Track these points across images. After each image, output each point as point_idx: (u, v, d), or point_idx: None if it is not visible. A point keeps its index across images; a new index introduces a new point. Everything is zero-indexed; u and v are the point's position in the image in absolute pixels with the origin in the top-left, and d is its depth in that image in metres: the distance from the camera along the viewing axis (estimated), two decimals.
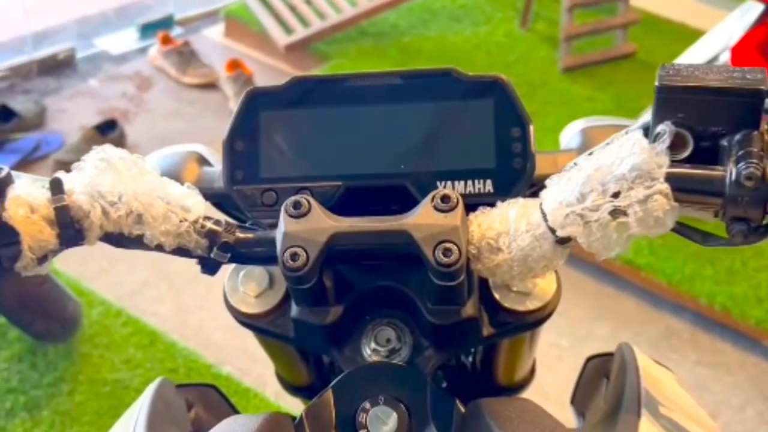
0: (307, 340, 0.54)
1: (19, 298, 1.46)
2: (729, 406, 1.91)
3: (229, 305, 0.57)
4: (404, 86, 0.50)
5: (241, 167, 0.51)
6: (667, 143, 0.42)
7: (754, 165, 0.40)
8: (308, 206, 0.45)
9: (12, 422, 1.50)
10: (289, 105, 0.51)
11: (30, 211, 0.44)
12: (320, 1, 3.00)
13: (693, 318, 2.13)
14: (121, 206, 0.45)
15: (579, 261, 2.24)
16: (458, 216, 0.44)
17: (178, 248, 0.48)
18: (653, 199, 0.41)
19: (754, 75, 0.42)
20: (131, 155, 0.48)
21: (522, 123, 0.49)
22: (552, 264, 0.46)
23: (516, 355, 0.65)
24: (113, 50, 3.00)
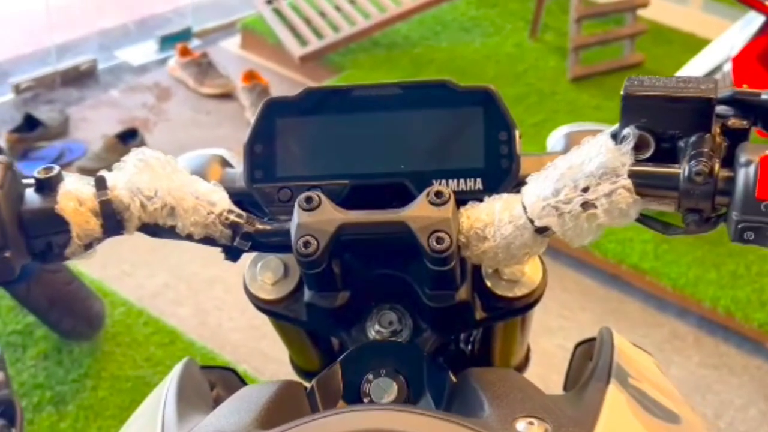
0: (318, 323, 0.60)
1: (48, 297, 1.54)
2: (732, 407, 1.95)
3: (249, 292, 0.63)
4: (404, 96, 0.57)
5: (260, 168, 0.57)
6: (631, 145, 0.49)
7: (704, 163, 0.46)
8: (319, 201, 0.52)
9: (39, 416, 1.57)
10: (302, 113, 0.58)
11: (78, 204, 0.51)
12: (334, 14, 3.07)
13: (697, 321, 2.17)
14: (156, 200, 0.52)
15: (586, 267, 2.29)
16: (450, 209, 0.50)
17: (205, 237, 0.54)
18: (617, 193, 0.47)
19: (707, 85, 0.48)
20: (165, 156, 0.54)
21: (508, 128, 0.56)
22: (532, 251, 0.52)
23: (510, 340, 0.71)
24: (134, 62, 3.06)
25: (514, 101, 2.87)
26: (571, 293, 2.22)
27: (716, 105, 0.48)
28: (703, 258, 2.25)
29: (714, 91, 0.48)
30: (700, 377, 2.02)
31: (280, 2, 3.15)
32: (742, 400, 1.97)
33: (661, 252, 2.25)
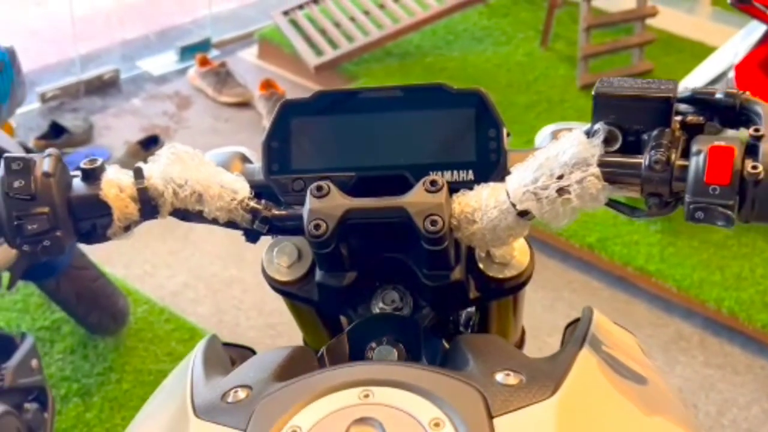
0: (328, 301, 0.67)
1: (76, 293, 1.62)
2: (735, 405, 1.99)
3: (266, 275, 0.70)
4: (404, 98, 0.64)
5: (276, 161, 0.64)
6: (601, 138, 0.55)
7: (662, 153, 0.53)
8: (328, 189, 0.59)
9: (66, 406, 1.65)
10: (314, 113, 0.65)
11: (119, 190, 0.59)
12: (348, 24, 3.14)
13: (702, 323, 2.21)
14: (186, 188, 0.59)
15: (593, 269, 2.34)
16: (443, 196, 0.57)
17: (228, 221, 0.61)
18: (588, 179, 0.54)
19: (667, 86, 0.55)
20: (194, 150, 0.62)
21: (497, 126, 0.62)
22: (516, 233, 0.58)
23: (504, 321, 0.77)
24: (154, 71, 3.14)
25: (524, 108, 2.93)
26: (579, 294, 2.27)
27: (676, 104, 0.55)
28: (708, 260, 2.29)
29: (673, 91, 0.55)
30: (704, 376, 2.06)
31: (297, 13, 3.24)
32: (746, 398, 2.01)
33: (667, 255, 2.30)
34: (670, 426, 0.54)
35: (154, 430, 0.56)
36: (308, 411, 0.47)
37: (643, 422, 0.52)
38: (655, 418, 0.53)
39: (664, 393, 0.60)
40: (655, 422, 0.53)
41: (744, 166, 0.49)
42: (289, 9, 3.25)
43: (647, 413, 0.53)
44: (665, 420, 0.54)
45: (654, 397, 0.57)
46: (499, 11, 3.71)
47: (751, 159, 0.50)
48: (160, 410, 0.58)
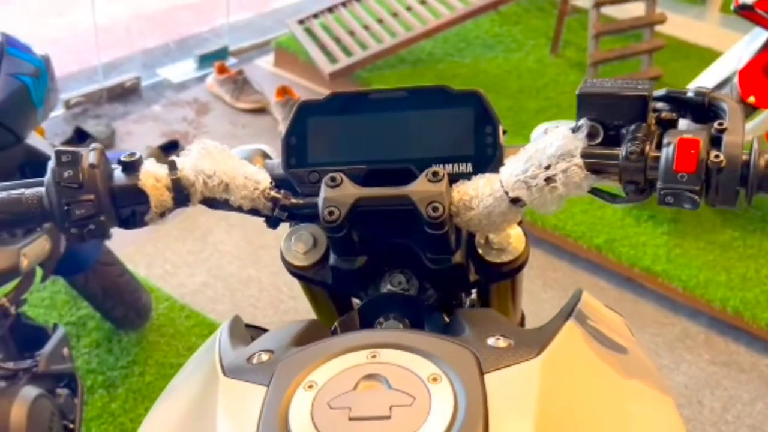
0: (340, 283, 0.73)
1: (103, 288, 1.69)
2: (740, 401, 2.04)
3: (284, 260, 0.76)
4: (409, 98, 0.70)
5: (294, 156, 0.71)
6: (584, 133, 0.62)
7: (637, 145, 0.59)
8: (341, 180, 0.65)
9: (92, 397, 1.72)
10: (328, 113, 0.71)
11: (156, 180, 0.66)
12: (362, 32, 3.21)
13: (708, 322, 2.26)
14: (215, 178, 0.66)
15: (601, 270, 2.39)
16: (444, 185, 0.64)
17: (251, 209, 0.68)
18: (572, 169, 0.60)
19: (644, 86, 0.61)
20: (221, 145, 0.69)
21: (493, 123, 0.69)
22: (508, 219, 0.65)
23: (504, 305, 0.83)
24: (174, 79, 3.22)
25: (535, 113, 2.99)
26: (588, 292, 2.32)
27: (652, 101, 0.61)
28: (714, 261, 2.34)
29: (649, 90, 0.61)
30: (710, 374, 2.11)
31: (312, 22, 3.32)
32: (750, 395, 2.06)
33: (674, 256, 2.35)
34: (646, 389, 0.60)
35: (187, 391, 0.63)
36: (323, 369, 0.54)
37: (621, 384, 0.58)
38: (633, 381, 0.60)
39: (644, 363, 0.66)
40: (631, 385, 0.59)
41: (708, 155, 0.56)
42: (305, 18, 3.33)
43: (625, 377, 0.59)
44: (642, 384, 0.60)
45: (633, 365, 0.63)
46: (511, 19, 3.78)
47: (715, 149, 0.56)
48: (192, 375, 0.65)
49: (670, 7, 3.51)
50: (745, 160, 0.55)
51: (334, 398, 0.51)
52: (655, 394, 0.60)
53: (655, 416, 0.58)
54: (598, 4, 3.13)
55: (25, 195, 0.65)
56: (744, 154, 0.56)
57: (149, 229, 1.99)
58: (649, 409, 0.58)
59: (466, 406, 0.49)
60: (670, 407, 0.60)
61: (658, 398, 0.60)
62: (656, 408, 0.59)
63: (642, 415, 0.57)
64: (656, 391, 0.61)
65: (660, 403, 0.59)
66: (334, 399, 0.51)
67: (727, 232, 2.46)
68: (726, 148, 0.56)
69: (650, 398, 0.59)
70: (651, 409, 0.58)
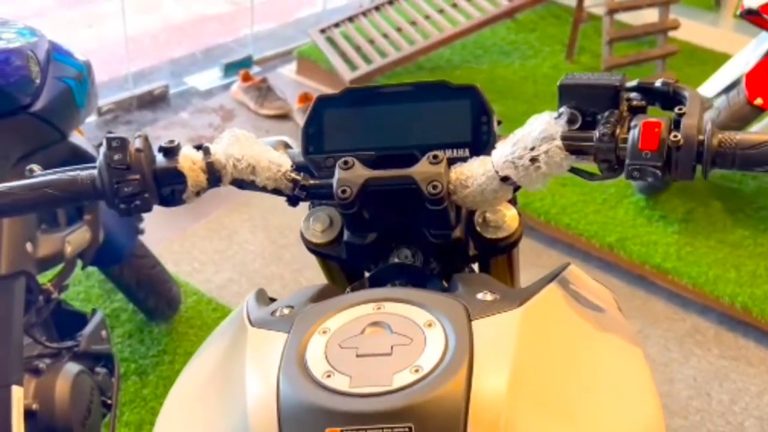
0: (353, 258, 0.82)
1: (136, 278, 1.80)
2: (747, 393, 2.09)
3: (304, 239, 0.85)
4: (414, 92, 0.79)
5: (312, 144, 0.80)
6: (564, 119, 0.70)
7: (608, 128, 0.67)
8: (353, 163, 0.74)
9: (126, 383, 1.83)
10: (343, 105, 0.80)
11: (192, 163, 0.75)
12: (382, 41, 3.31)
13: (718, 318, 2.32)
14: (243, 162, 0.76)
15: (613, 268, 2.46)
16: (443, 166, 0.72)
17: (274, 189, 0.77)
18: (553, 150, 0.69)
19: (616, 78, 0.70)
20: (249, 133, 0.78)
21: (488, 114, 0.77)
22: (500, 196, 0.73)
23: (502, 277, 0.91)
24: (201, 87, 3.33)
25: None
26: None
27: (624, 91, 0.70)
28: (724, 259, 2.40)
29: (620, 81, 0.69)
30: (719, 367, 2.17)
31: (333, 31, 3.42)
32: (758, 388, 2.11)
33: (684, 254, 2.41)
34: (616, 339, 0.68)
35: (219, 344, 0.72)
36: (335, 318, 0.63)
37: (593, 334, 0.67)
38: (605, 334, 0.68)
39: (619, 321, 0.74)
40: (604, 336, 0.67)
41: (669, 136, 0.64)
42: (326, 27, 3.44)
43: (598, 330, 0.68)
44: (614, 336, 0.68)
45: (608, 322, 0.71)
46: (527, 26, 3.86)
47: (675, 131, 0.64)
48: (223, 333, 0.75)
49: (685, 13, 3.57)
50: (700, 139, 0.63)
51: (344, 340, 0.60)
52: (625, 344, 0.68)
53: (621, 362, 0.66)
54: (611, 11, 3.20)
55: (80, 176, 0.75)
56: (700, 135, 0.64)
57: (178, 229, 2.17)
58: (617, 355, 0.66)
59: (455, 346, 0.58)
60: (638, 356, 0.68)
61: (626, 348, 0.68)
62: (624, 355, 0.67)
63: (608, 358, 0.65)
64: (626, 342, 0.69)
65: (628, 352, 0.68)
66: (344, 341, 0.60)
67: (737, 231, 2.52)
68: (684, 129, 0.64)
69: (619, 347, 0.68)
70: (619, 356, 0.67)
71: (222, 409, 0.63)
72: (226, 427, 0.61)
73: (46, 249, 1.22)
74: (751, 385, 2.12)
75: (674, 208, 2.61)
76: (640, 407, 0.62)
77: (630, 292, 2.40)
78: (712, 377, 2.14)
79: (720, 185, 2.75)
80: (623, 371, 0.65)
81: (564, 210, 2.55)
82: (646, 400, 0.63)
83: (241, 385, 0.61)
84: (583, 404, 0.59)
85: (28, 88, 1.19)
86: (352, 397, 0.55)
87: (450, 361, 0.56)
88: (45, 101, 1.22)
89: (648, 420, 0.62)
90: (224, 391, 0.64)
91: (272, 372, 0.59)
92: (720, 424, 2.00)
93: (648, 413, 0.62)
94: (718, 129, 0.64)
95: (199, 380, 0.70)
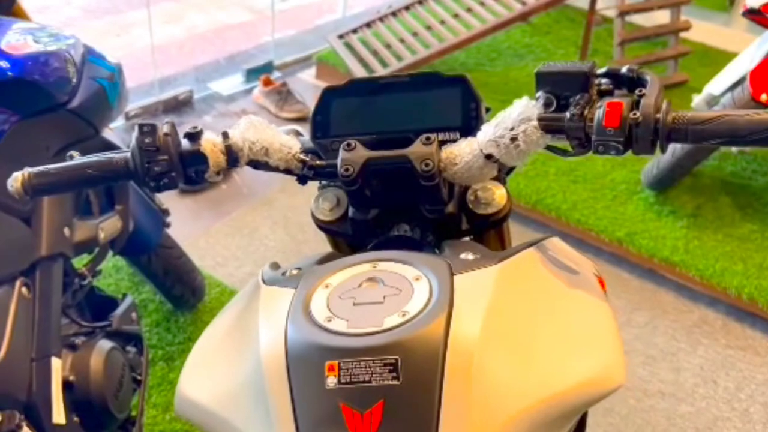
0: (358, 232, 0.91)
1: (164, 268, 1.90)
2: (753, 381, 2.14)
3: (314, 217, 0.94)
4: (410, 82, 0.88)
5: (320, 129, 0.89)
6: (541, 102, 0.78)
7: (578, 109, 0.75)
8: (355, 145, 0.83)
9: (154, 368, 1.93)
10: (347, 95, 0.90)
11: (213, 146, 0.85)
12: (398, 45, 3.40)
13: (726, 310, 2.37)
14: (258, 144, 0.85)
15: (623, 262, 2.52)
16: (434, 147, 0.81)
17: (286, 169, 0.87)
18: (530, 130, 0.77)
19: (586, 65, 0.78)
20: (263, 120, 0.88)
21: (477, 101, 0.86)
22: (485, 172, 0.81)
23: (493, 250, 0.99)
24: (224, 92, 3.43)
25: None
26: (609, 284, 2.40)
27: (594, 77, 0.78)
28: (732, 252, 2.45)
29: (589, 68, 0.77)
30: (725, 357, 2.22)
31: (351, 37, 3.52)
32: (764, 376, 2.16)
33: (692, 247, 2.47)
34: (586, 297, 0.76)
35: (239, 304, 0.82)
36: (337, 275, 0.72)
37: (564, 291, 0.75)
38: (577, 291, 0.76)
39: (592, 283, 0.82)
40: (574, 293, 0.76)
41: (629, 114, 0.73)
42: (344, 33, 3.55)
43: (569, 287, 0.76)
44: (585, 294, 0.77)
45: (580, 282, 0.79)
46: (542, 29, 3.93)
47: (635, 110, 0.73)
48: (241, 296, 0.84)
49: (698, 15, 3.63)
50: (657, 117, 0.72)
51: (343, 293, 0.69)
52: (592, 300, 0.76)
53: (587, 314, 0.74)
54: (622, 13, 3.27)
55: (115, 158, 0.85)
56: (657, 113, 0.72)
57: (203, 227, 2.32)
58: (583, 309, 0.75)
59: (438, 295, 0.67)
60: (604, 311, 0.76)
61: (594, 303, 0.76)
62: (590, 309, 0.75)
63: (575, 310, 0.73)
64: (595, 298, 0.77)
65: (595, 306, 0.76)
66: (343, 293, 0.69)
67: (745, 225, 2.57)
68: (642, 108, 0.72)
69: (587, 303, 0.76)
70: (585, 310, 0.75)
71: (239, 354, 0.73)
72: (243, 368, 0.71)
73: (82, 234, 1.33)
74: (757, 374, 2.17)
75: (683, 204, 2.67)
76: (599, 353, 0.70)
77: (639, 285, 2.46)
78: (718, 366, 2.19)
79: (729, 182, 2.80)
80: (587, 322, 0.73)
81: (575, 206, 2.62)
82: (607, 347, 0.71)
83: (255, 332, 0.70)
84: (546, 346, 0.67)
85: (65, 87, 1.31)
86: (349, 336, 0.64)
87: (433, 307, 0.65)
88: (81, 99, 1.33)
89: (606, 364, 0.70)
90: (241, 339, 0.74)
91: (281, 320, 0.69)
92: (725, 410, 2.06)
93: (607, 358, 0.70)
94: (672, 108, 0.73)
95: (219, 333, 0.80)
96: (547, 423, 0.65)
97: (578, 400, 0.66)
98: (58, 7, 4.07)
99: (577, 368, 0.67)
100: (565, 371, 0.66)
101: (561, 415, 0.67)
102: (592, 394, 0.67)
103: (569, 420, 0.70)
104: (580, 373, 0.67)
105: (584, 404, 0.68)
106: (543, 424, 0.65)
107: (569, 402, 0.66)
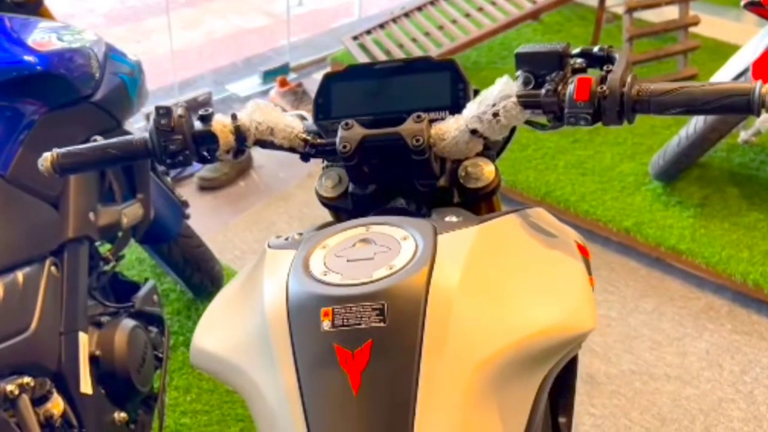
0: (358, 207, 0.99)
1: (183, 256, 2.00)
2: (758, 365, 2.19)
3: (318, 194, 1.02)
4: (404, 67, 0.95)
5: (321, 112, 0.97)
6: (520, 81, 0.86)
7: (552, 85, 0.82)
8: (352, 124, 0.91)
9: (175, 353, 2.02)
10: (346, 79, 0.97)
11: (223, 127, 0.93)
12: (411, 45, 3.47)
13: (732, 296, 2.41)
14: (264, 125, 0.93)
15: (631, 251, 2.57)
16: (424, 124, 0.88)
17: (290, 147, 0.95)
18: (509, 105, 0.84)
19: (560, 45, 0.85)
20: (269, 103, 0.96)
21: (464, 83, 0.94)
22: (471, 146, 0.89)
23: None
24: (241, 93, 3.52)
25: None
26: (617, 273, 2.50)
27: (568, 57, 0.85)
28: (738, 240, 2.49)
29: (563, 48, 0.84)
30: (731, 341, 2.26)
31: (365, 38, 3.60)
32: None
33: (698, 236, 2.51)
34: (561, 256, 0.83)
35: (247, 269, 0.90)
36: (333, 237, 0.80)
37: (539, 250, 0.82)
38: (552, 251, 0.83)
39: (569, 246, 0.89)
40: (550, 253, 0.83)
41: (597, 88, 0.80)
42: (358, 34, 3.62)
43: (545, 247, 0.83)
44: (560, 253, 0.84)
45: (557, 244, 0.86)
46: (553, 28, 3.99)
47: (603, 84, 0.80)
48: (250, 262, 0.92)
49: (708, 10, 3.66)
50: (622, 90, 0.79)
51: (339, 252, 0.77)
52: (567, 259, 0.83)
53: (560, 270, 0.81)
54: (630, 9, 3.32)
55: (134, 138, 0.94)
56: (623, 87, 0.79)
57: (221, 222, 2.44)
58: (557, 265, 0.82)
59: (422, 251, 0.74)
60: (578, 269, 0.83)
61: (568, 261, 0.83)
62: (564, 266, 0.82)
63: (549, 266, 0.81)
64: (570, 258, 0.84)
65: (568, 264, 0.83)
66: (338, 252, 0.77)
67: (752, 214, 2.61)
68: (609, 83, 0.79)
69: (561, 261, 0.83)
70: (558, 266, 0.82)
71: (247, 308, 0.81)
72: (250, 319, 0.79)
73: (106, 219, 1.42)
74: (762, 357, 2.21)
75: (691, 195, 2.71)
76: (567, 301, 0.77)
77: (647, 273, 2.51)
78: (724, 350, 2.24)
79: (737, 173, 2.84)
80: (559, 276, 0.80)
81: (583, 197, 2.68)
82: (575, 296, 0.78)
83: (260, 287, 0.79)
84: (518, 296, 0.75)
85: (89, 81, 1.40)
86: (342, 286, 0.72)
87: (417, 261, 0.73)
88: (103, 93, 1.42)
89: (574, 310, 0.77)
90: (249, 296, 0.82)
91: (283, 275, 0.77)
92: (730, 392, 2.11)
93: (575, 306, 0.77)
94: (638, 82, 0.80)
95: (230, 293, 0.88)
96: (519, 363, 0.72)
97: (548, 343, 0.74)
98: (81, 14, 4.20)
99: (546, 314, 0.74)
100: (535, 317, 0.73)
101: (533, 358, 0.74)
102: (560, 338, 0.74)
103: (543, 363, 0.77)
104: (548, 318, 0.74)
105: (555, 347, 0.75)
106: (517, 365, 0.72)
107: (539, 345, 0.73)
